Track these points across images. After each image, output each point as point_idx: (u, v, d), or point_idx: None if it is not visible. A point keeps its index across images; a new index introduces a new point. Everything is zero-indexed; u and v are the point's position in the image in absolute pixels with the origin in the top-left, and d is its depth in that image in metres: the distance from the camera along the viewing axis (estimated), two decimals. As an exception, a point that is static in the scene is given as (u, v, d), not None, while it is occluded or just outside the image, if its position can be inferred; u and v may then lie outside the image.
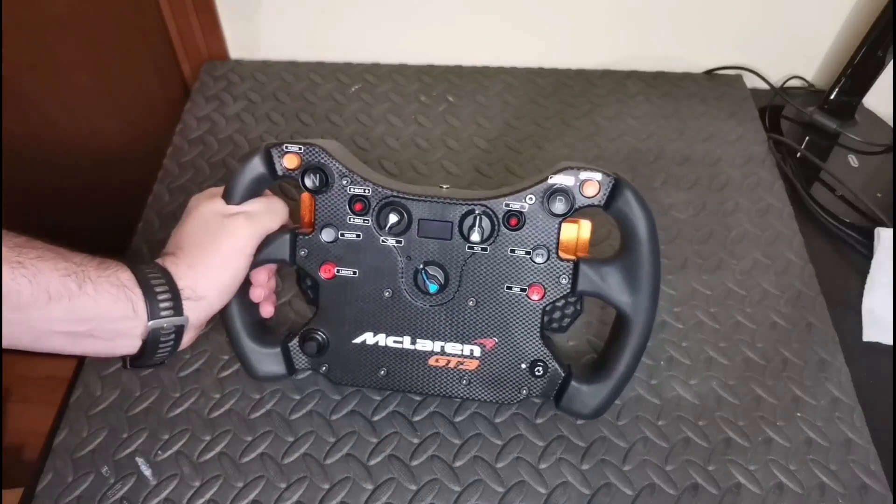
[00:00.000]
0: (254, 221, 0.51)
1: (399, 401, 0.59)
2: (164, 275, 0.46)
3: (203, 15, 0.87)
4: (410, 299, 0.54)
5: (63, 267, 0.41)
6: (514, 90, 0.88)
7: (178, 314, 0.46)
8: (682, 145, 0.82)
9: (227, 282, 0.50)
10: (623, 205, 0.50)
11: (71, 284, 0.41)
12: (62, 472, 0.54)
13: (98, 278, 0.43)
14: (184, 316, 0.46)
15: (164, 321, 0.45)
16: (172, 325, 0.46)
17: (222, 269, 0.49)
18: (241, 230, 0.50)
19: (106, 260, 0.45)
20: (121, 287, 0.44)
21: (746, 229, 0.73)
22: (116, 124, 1.03)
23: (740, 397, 0.60)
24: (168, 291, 0.45)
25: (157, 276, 0.46)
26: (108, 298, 0.43)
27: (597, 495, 0.54)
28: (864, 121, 0.85)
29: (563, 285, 0.52)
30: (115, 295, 0.43)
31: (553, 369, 0.54)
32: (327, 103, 0.85)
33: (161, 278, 0.46)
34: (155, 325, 0.45)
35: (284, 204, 0.54)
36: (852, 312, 0.67)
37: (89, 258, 0.44)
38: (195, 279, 0.47)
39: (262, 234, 0.52)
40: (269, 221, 0.52)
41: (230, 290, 0.50)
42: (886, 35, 0.75)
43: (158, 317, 0.45)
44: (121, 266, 0.45)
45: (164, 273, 0.46)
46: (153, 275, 0.46)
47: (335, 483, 0.54)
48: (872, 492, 0.54)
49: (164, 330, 0.46)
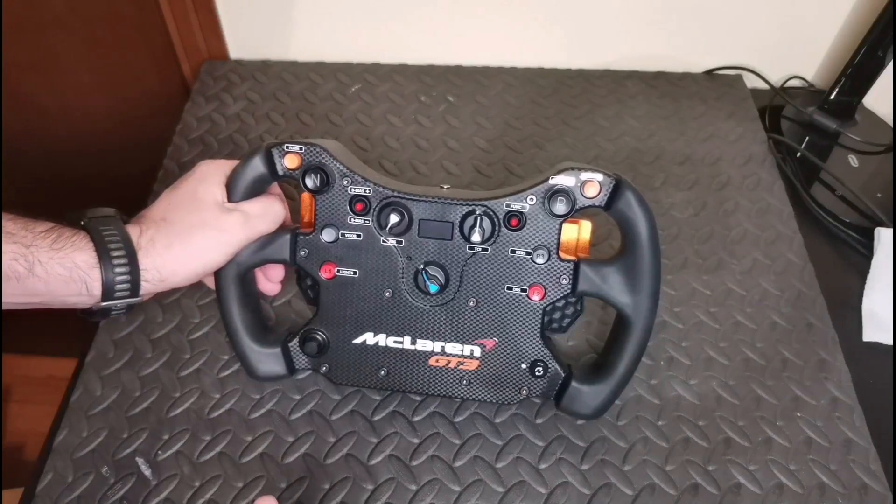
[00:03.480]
0: (249, 223, 0.51)
1: (399, 401, 0.59)
2: (128, 253, 0.45)
3: (203, 15, 0.87)
4: (411, 299, 0.54)
5: (11, 250, 0.41)
6: (514, 90, 0.88)
7: (133, 296, 0.45)
8: (682, 145, 0.82)
9: (198, 271, 0.49)
10: (624, 206, 0.50)
11: (19, 268, 0.41)
12: (62, 472, 0.54)
13: (49, 260, 0.42)
14: (139, 297, 0.46)
15: (117, 301, 0.45)
16: (125, 304, 0.46)
17: (198, 259, 0.48)
18: (233, 229, 0.50)
19: (65, 232, 0.44)
20: (74, 269, 0.43)
21: (746, 229, 0.73)
22: (116, 124, 1.03)
23: (740, 397, 0.60)
24: (128, 273, 0.44)
25: (121, 257, 0.44)
26: (59, 280, 0.42)
27: (597, 495, 0.54)
28: (864, 121, 0.85)
29: (564, 286, 0.52)
30: (67, 277, 0.43)
31: (553, 370, 0.54)
32: (327, 103, 0.85)
33: (124, 258, 0.44)
34: (107, 304, 0.45)
35: (283, 206, 0.54)
36: (852, 312, 0.67)
37: (44, 234, 0.43)
38: (164, 261, 0.46)
39: (254, 237, 0.52)
40: (264, 224, 0.52)
41: (197, 278, 0.50)
42: (886, 35, 0.75)
43: (112, 298, 0.45)
44: (79, 243, 0.44)
45: (129, 250, 0.45)
46: (117, 254, 0.44)
47: (335, 483, 0.54)
48: (872, 492, 0.54)
49: (115, 307, 0.46)
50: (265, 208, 0.52)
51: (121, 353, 0.61)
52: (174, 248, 0.47)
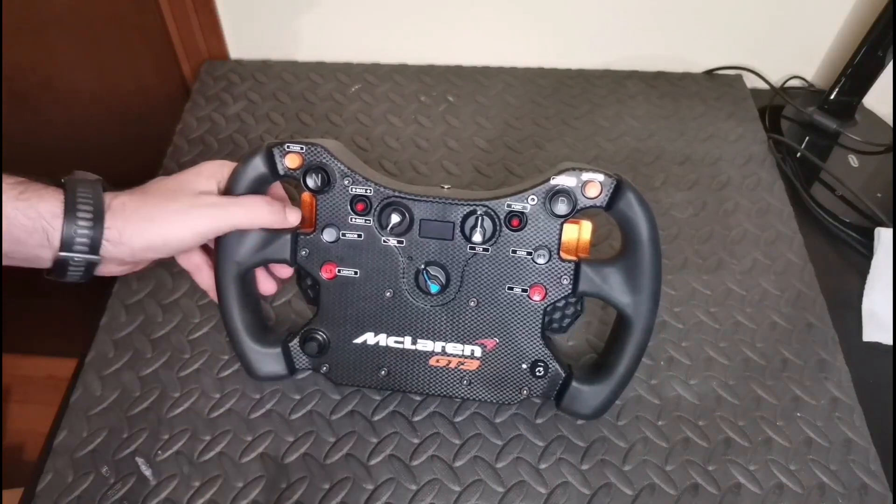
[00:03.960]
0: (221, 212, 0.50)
1: (399, 401, 0.59)
2: (96, 211, 0.46)
3: (203, 15, 0.87)
4: (412, 299, 0.54)
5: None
6: (514, 90, 0.88)
7: (93, 253, 0.46)
8: (682, 145, 0.82)
9: (156, 241, 0.49)
10: (625, 206, 0.50)
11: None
12: (62, 472, 0.54)
13: (13, 210, 0.43)
14: (97, 256, 0.46)
15: (75, 255, 0.46)
16: (84, 261, 0.46)
17: (160, 229, 0.48)
18: (203, 213, 0.49)
19: (34, 186, 0.45)
20: (38, 218, 0.44)
21: (746, 229, 0.73)
22: (116, 124, 1.03)
23: (740, 397, 0.60)
24: (91, 229, 0.45)
25: (87, 212, 0.45)
26: (22, 230, 0.44)
27: (597, 495, 0.54)
28: (864, 121, 0.85)
29: (565, 286, 0.52)
30: (30, 227, 0.44)
31: (554, 370, 0.54)
32: (327, 103, 0.85)
33: (90, 213, 0.45)
34: (64, 256, 0.45)
35: (274, 210, 0.52)
36: (852, 312, 0.67)
37: (12, 185, 0.44)
38: (127, 223, 0.47)
39: (225, 228, 0.51)
40: (238, 219, 0.51)
41: (156, 251, 0.49)
42: (886, 35, 0.75)
43: (71, 251, 0.45)
44: (46, 195, 0.45)
45: (97, 209, 0.46)
46: (84, 208, 0.45)
47: (335, 483, 0.54)
48: (872, 492, 0.55)
49: (74, 260, 0.46)
50: (247, 204, 0.51)
51: (121, 353, 0.61)
52: (140, 213, 0.48)
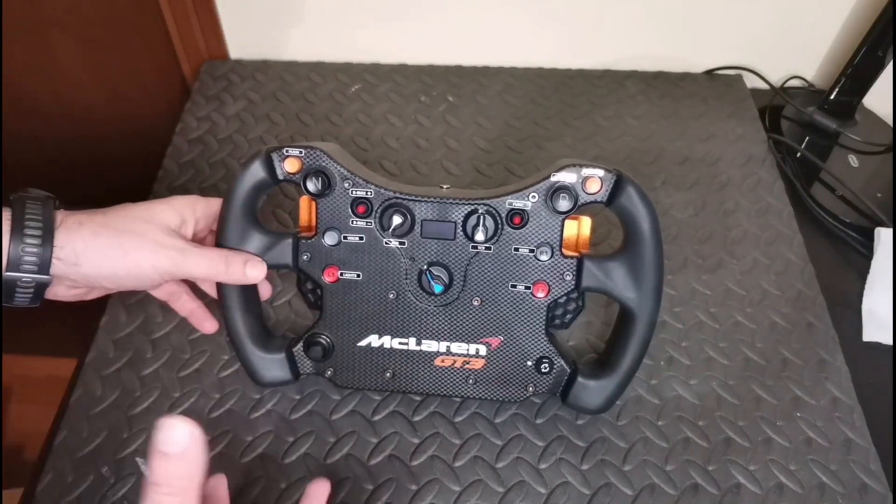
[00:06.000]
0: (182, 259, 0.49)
1: (399, 401, 0.59)
2: (45, 230, 0.45)
3: (203, 15, 0.87)
4: (415, 300, 0.54)
5: None
6: (514, 90, 0.88)
7: (42, 273, 0.45)
8: (682, 145, 0.82)
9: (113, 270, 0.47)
10: (626, 200, 0.50)
11: None
12: (62, 472, 0.54)
13: None
14: (48, 276, 0.46)
15: (23, 275, 0.45)
16: (33, 280, 0.45)
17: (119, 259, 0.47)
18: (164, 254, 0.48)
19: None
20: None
21: (746, 229, 0.73)
22: (116, 124, 1.03)
23: (740, 397, 0.60)
24: (39, 247, 0.45)
25: (35, 229, 0.45)
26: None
27: (597, 495, 0.54)
28: (864, 121, 0.85)
29: (568, 282, 0.52)
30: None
31: (559, 365, 0.54)
32: (327, 103, 0.85)
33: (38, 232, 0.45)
34: (11, 276, 0.45)
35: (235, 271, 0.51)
36: (852, 312, 0.67)
37: None
38: (85, 247, 0.46)
39: (182, 275, 0.50)
40: (200, 270, 0.50)
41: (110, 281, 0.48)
42: (886, 35, 0.75)
43: (19, 270, 0.45)
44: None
45: (47, 228, 0.45)
46: (32, 226, 0.45)
47: (335, 483, 0.54)
48: (872, 492, 0.55)
49: (22, 281, 0.45)
50: (208, 257, 0.50)
51: (121, 353, 0.61)
52: (100, 239, 0.47)
